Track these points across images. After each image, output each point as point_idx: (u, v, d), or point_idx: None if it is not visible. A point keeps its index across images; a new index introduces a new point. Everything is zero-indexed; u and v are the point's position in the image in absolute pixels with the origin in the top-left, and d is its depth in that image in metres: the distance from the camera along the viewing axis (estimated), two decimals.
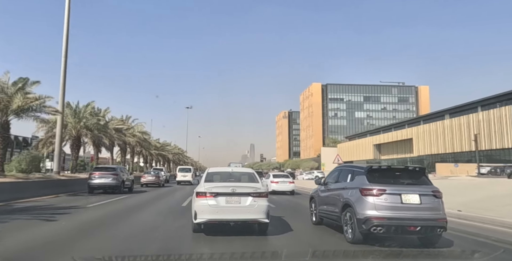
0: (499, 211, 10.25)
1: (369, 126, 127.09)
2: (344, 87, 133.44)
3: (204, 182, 7.49)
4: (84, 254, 5.54)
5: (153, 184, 26.96)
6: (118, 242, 6.60)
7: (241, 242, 6.69)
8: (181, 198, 16.31)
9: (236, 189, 7.06)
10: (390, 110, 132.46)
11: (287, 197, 19.17)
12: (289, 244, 6.73)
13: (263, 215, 7.10)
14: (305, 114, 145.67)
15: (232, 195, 7.02)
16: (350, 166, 8.17)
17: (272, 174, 22.76)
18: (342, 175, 7.89)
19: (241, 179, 7.84)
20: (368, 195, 6.37)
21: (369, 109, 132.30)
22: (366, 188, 6.44)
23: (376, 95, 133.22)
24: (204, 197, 6.99)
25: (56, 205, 12.49)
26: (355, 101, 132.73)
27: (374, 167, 6.95)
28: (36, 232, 7.45)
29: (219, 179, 7.88)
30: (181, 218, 9.36)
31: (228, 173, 8.25)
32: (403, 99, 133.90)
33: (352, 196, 6.73)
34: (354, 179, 7.12)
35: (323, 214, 8.43)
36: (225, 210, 6.97)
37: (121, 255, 5.21)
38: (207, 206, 6.93)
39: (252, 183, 7.52)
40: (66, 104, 25.50)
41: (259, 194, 7.13)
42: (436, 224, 6.21)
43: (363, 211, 6.33)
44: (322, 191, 8.65)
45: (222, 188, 7.11)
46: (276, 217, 9.53)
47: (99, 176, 18.30)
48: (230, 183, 7.48)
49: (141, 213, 10.97)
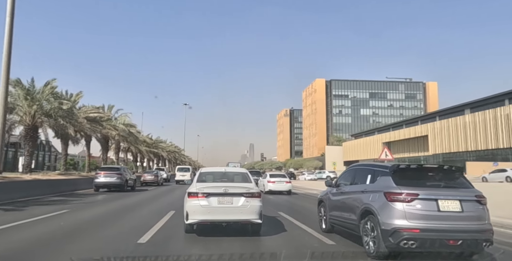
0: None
1: (375, 124, 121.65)
2: (349, 83, 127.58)
3: (196, 182, 7.44)
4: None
5: (152, 183, 28.10)
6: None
7: (240, 243, 6.64)
8: (180, 196, 16.45)
9: (228, 189, 7.00)
10: (397, 107, 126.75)
11: (284, 197, 19.17)
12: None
13: (256, 216, 7.02)
14: (308, 111, 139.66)
15: (224, 195, 6.96)
16: (369, 165, 6.89)
17: (269, 174, 22.45)
18: (359, 175, 6.80)
19: (234, 179, 7.84)
20: (395, 201, 5.31)
21: (375, 106, 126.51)
22: (393, 192, 5.39)
23: (382, 92, 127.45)
24: (196, 198, 6.94)
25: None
26: (360, 97, 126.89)
27: (401, 166, 5.73)
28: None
29: (211, 179, 7.86)
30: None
31: (221, 173, 8.22)
32: (411, 95, 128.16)
33: (374, 202, 5.65)
34: (376, 181, 6.02)
35: (335, 220, 7.31)
36: (217, 211, 6.91)
37: (119, 256, 5.24)
38: (199, 207, 6.88)
39: (244, 183, 7.47)
40: (15, 81, 19.59)
41: (252, 195, 7.05)
42: (481, 237, 5.17)
43: (390, 220, 5.26)
44: (333, 194, 7.57)
45: (214, 188, 7.06)
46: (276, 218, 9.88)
47: (104, 175, 19.44)
48: (222, 183, 7.46)
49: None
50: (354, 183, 6.88)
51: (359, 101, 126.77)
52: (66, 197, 15.51)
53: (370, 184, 6.17)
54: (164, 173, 34.17)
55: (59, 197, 15.47)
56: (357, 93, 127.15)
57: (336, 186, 7.60)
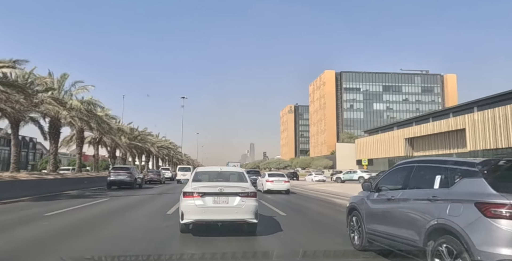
0: None
1: (389, 119, 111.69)
2: (361, 76, 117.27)
3: (192, 182, 7.41)
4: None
5: (155, 182, 30.74)
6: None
7: (235, 243, 6.65)
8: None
9: (224, 188, 6.95)
10: (412, 101, 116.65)
11: (283, 196, 19.49)
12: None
13: (252, 215, 7.00)
14: (316, 106, 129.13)
15: (219, 195, 6.91)
16: (436, 160, 4.86)
17: (268, 173, 23.01)
18: (419, 176, 4.89)
19: (229, 179, 7.75)
20: (498, 217, 3.43)
21: (389, 100, 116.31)
22: (493, 202, 3.51)
23: (396, 85, 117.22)
24: (191, 197, 6.89)
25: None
26: (373, 91, 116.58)
27: (500, 163, 3.90)
28: None
29: (207, 178, 7.81)
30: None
31: (217, 172, 8.11)
32: (428, 89, 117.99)
33: (457, 216, 3.82)
34: (454, 185, 4.14)
35: (377, 236, 5.53)
36: (212, 210, 6.88)
37: (110, 255, 5.26)
38: (194, 206, 6.84)
39: (240, 183, 7.41)
40: None
41: (247, 194, 7.01)
42: None
43: (491, 247, 3.40)
44: (374, 201, 5.75)
45: (209, 187, 7.02)
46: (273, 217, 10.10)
47: (116, 174, 22.13)
48: (217, 182, 7.42)
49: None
50: (409, 187, 5.00)
51: (371, 94, 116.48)
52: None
53: (443, 189, 4.30)
54: (169, 172, 39.56)
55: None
56: (370, 86, 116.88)
57: (377, 190, 5.80)
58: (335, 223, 9.30)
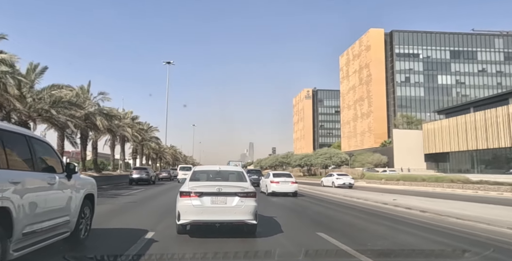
0: None
1: (459, 98, 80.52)
2: (420, 37, 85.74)
3: (189, 181, 7.29)
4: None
5: (167, 179, 39.62)
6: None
7: (233, 244, 6.51)
8: None
9: (222, 188, 6.75)
10: (492, 72, 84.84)
11: (290, 199, 17.86)
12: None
13: (251, 216, 6.77)
14: (352, 82, 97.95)
15: (217, 194, 6.69)
16: None
17: (272, 173, 20.79)
18: None
19: (228, 178, 7.70)
20: None
21: (460, 71, 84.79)
22: None
23: (469, 50, 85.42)
24: (188, 197, 6.70)
25: None
26: (437, 58, 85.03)
27: None
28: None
29: (205, 178, 7.78)
30: None
31: (216, 171, 8.10)
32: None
33: None
34: None
35: None
36: (210, 211, 6.65)
37: (112, 254, 5.27)
38: (191, 207, 6.63)
39: (239, 183, 7.31)
40: None
41: (247, 194, 6.79)
42: None
43: None
44: None
45: (207, 187, 6.84)
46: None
47: (138, 173, 29.17)
48: (216, 182, 7.33)
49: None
50: None
51: (435, 63, 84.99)
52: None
53: None
54: (178, 171, 40.80)
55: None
56: (432, 51, 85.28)
57: None
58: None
